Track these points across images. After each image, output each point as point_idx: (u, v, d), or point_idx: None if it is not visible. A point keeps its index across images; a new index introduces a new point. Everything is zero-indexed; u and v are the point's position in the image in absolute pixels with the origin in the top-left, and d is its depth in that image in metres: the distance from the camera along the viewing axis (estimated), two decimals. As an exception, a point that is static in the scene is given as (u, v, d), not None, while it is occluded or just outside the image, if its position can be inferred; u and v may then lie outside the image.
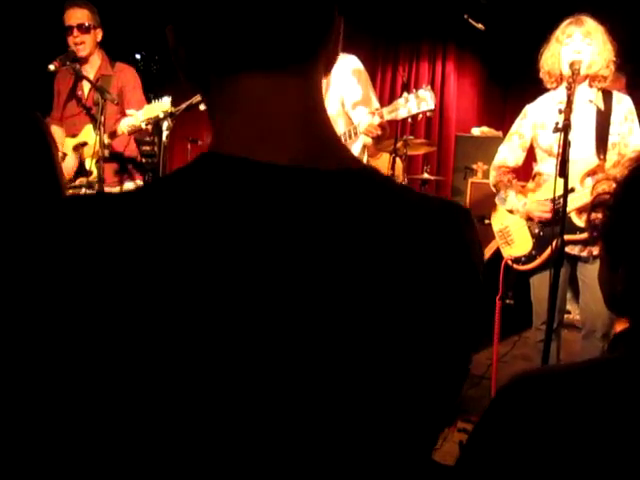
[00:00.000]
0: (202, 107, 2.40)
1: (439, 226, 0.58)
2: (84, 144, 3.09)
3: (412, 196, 0.60)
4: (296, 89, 0.56)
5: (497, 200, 2.74)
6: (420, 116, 2.39)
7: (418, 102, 2.33)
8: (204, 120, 3.58)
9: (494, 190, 2.73)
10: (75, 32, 3.05)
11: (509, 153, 2.69)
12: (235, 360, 0.50)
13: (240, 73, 0.55)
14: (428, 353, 0.56)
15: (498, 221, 2.75)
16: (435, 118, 6.65)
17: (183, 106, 2.38)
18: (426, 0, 5.79)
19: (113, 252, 0.49)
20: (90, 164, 3.03)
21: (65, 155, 3.21)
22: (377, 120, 2.38)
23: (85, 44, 3.08)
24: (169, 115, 2.43)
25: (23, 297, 0.50)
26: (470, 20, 5.77)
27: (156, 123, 2.62)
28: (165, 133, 2.47)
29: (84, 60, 3.12)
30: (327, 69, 0.62)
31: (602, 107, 2.45)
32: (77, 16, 3.06)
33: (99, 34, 3.17)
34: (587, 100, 2.47)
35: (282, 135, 0.55)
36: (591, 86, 2.47)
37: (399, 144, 4.01)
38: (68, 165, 3.13)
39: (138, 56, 6.38)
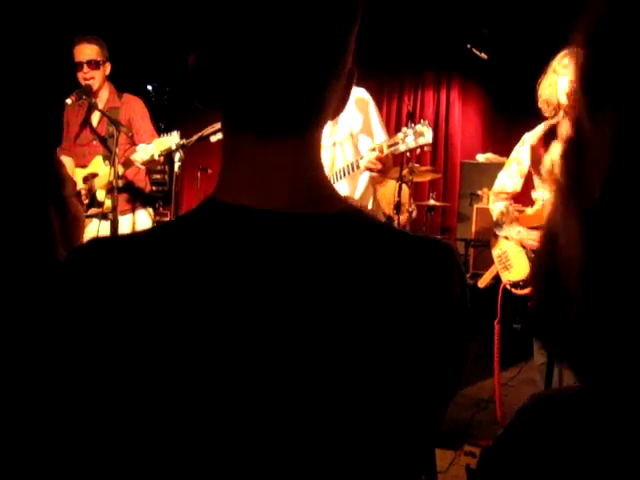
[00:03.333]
0: (213, 139, 2.48)
1: (421, 264, 0.62)
2: (94, 175, 3.13)
3: (396, 235, 0.64)
4: (292, 151, 0.61)
5: (494, 227, 2.79)
6: (418, 150, 2.47)
7: (416, 137, 2.41)
8: (214, 150, 3.64)
9: (493, 215, 2.79)
10: (85, 68, 3.10)
11: (507, 179, 2.75)
12: (233, 387, 0.54)
13: (242, 132, 0.61)
14: (412, 381, 0.59)
15: (497, 247, 2.79)
16: (440, 145, 6.73)
17: (194, 138, 2.45)
18: (429, 30, 5.90)
19: (121, 294, 0.54)
20: (101, 195, 3.07)
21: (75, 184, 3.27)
22: (375, 155, 2.47)
23: (95, 79, 3.13)
24: (181, 147, 2.50)
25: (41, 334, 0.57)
26: (473, 50, 5.87)
27: (168, 154, 2.69)
28: (177, 164, 2.53)
29: (94, 94, 3.16)
30: (333, 118, 0.66)
31: None
32: (87, 52, 3.11)
33: (108, 68, 3.22)
34: None
35: (277, 187, 0.60)
36: None
37: (405, 171, 4.06)
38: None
39: (150, 87, 6.51)
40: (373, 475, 0.59)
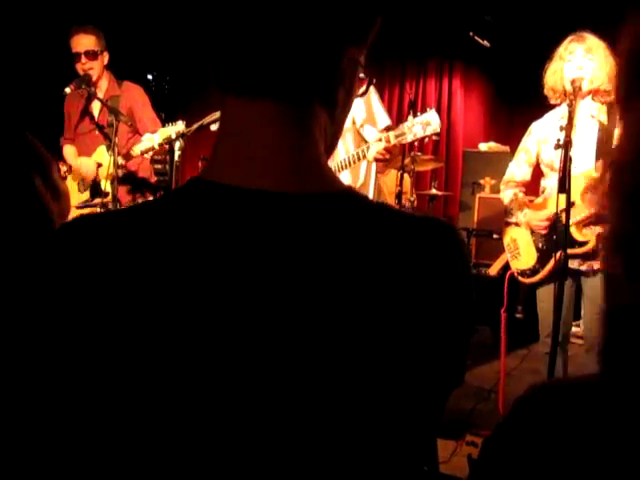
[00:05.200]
0: (213, 127, 2.46)
1: (421, 243, 0.59)
2: (99, 165, 3.13)
3: (393, 214, 0.62)
4: (284, 119, 0.58)
5: (505, 214, 2.81)
6: (426, 140, 2.45)
7: (424, 126, 2.39)
8: (213, 140, 3.62)
9: (505, 204, 2.81)
10: (83, 59, 3.09)
11: (516, 169, 2.77)
12: (225, 370, 0.53)
13: (230, 94, 0.59)
14: (412, 364, 0.57)
15: (507, 235, 2.82)
16: (443, 134, 6.69)
17: (195, 126, 2.43)
18: (432, 18, 5.85)
19: (106, 271, 0.54)
20: (105, 185, 3.08)
21: (70, 168, 3.30)
22: (382, 145, 2.46)
23: (94, 69, 3.12)
24: (181, 136, 2.49)
25: (35, 310, 0.56)
26: (476, 37, 5.83)
27: (168, 143, 2.67)
28: (177, 153, 2.52)
29: (93, 84, 3.15)
30: (343, 109, 0.64)
31: (605, 121, 2.49)
32: (84, 43, 3.09)
33: (106, 57, 3.20)
34: (589, 115, 2.51)
35: (266, 161, 0.58)
36: (594, 101, 2.52)
37: (407, 160, 4.05)
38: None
39: (150, 76, 6.47)
40: (376, 465, 0.58)
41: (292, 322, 0.54)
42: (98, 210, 3.01)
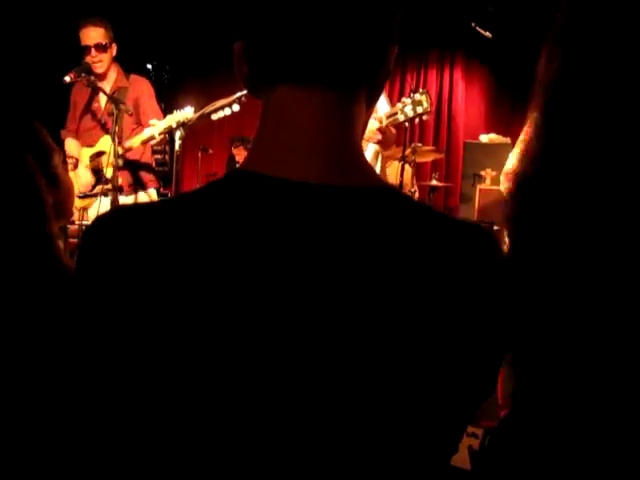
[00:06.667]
0: (214, 117, 2.44)
1: (462, 247, 0.58)
2: (101, 153, 3.15)
3: (436, 216, 0.61)
4: (329, 106, 0.58)
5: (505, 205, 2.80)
6: (417, 120, 2.46)
7: (414, 106, 2.40)
8: (215, 129, 3.63)
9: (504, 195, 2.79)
10: (93, 52, 3.13)
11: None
12: (249, 362, 0.52)
13: (280, 85, 0.58)
14: (444, 370, 0.56)
15: None
16: (443, 125, 6.67)
17: (196, 115, 2.42)
18: (433, 9, 5.82)
19: (144, 263, 0.53)
20: (108, 172, 3.09)
21: (78, 162, 3.29)
22: (376, 125, 2.48)
23: (103, 62, 3.17)
24: (182, 125, 2.47)
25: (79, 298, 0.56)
26: (478, 28, 5.79)
27: (169, 133, 2.66)
28: (178, 142, 2.50)
29: (102, 76, 3.21)
30: (377, 99, 0.64)
31: None
32: (93, 35, 3.13)
33: (114, 49, 3.24)
34: None
35: (311, 152, 0.57)
36: None
37: (408, 151, 4.03)
38: (84, 178, 3.20)
39: (149, 66, 6.45)
40: (397, 455, 0.57)
41: (333, 316, 0.53)
42: (98, 198, 3.02)
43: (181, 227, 0.54)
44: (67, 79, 2.98)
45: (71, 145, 3.37)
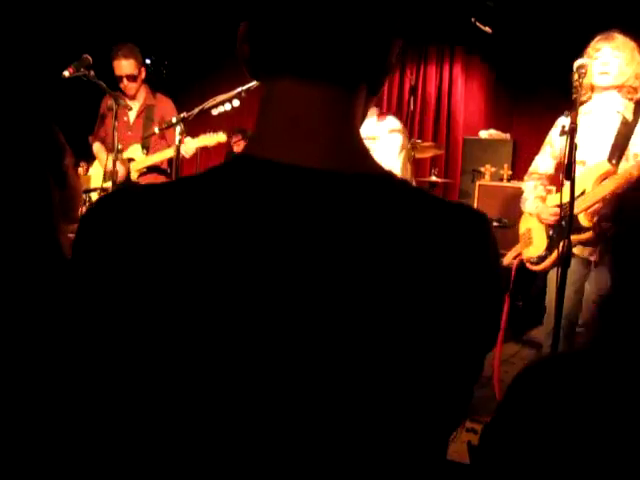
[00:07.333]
0: (214, 112, 2.45)
1: (457, 230, 0.60)
2: (131, 160, 3.46)
3: (431, 200, 0.62)
4: (334, 99, 0.60)
5: (521, 203, 2.87)
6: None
7: None
8: (213, 124, 3.65)
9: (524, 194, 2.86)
10: (125, 81, 3.47)
11: (541, 161, 2.84)
12: (245, 356, 0.52)
13: (283, 76, 0.59)
14: (439, 354, 0.57)
15: (523, 224, 2.89)
16: (443, 121, 6.67)
17: (196, 111, 2.43)
18: (433, 3, 5.81)
19: (145, 243, 0.53)
20: (134, 176, 3.52)
21: (87, 167, 3.63)
22: None
23: (134, 86, 3.51)
24: (182, 120, 2.48)
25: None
26: (477, 23, 5.78)
27: (169, 128, 2.67)
28: (178, 137, 2.52)
29: (133, 96, 3.54)
30: (375, 89, 0.65)
31: (630, 118, 2.52)
32: (125, 67, 3.43)
33: (143, 73, 3.54)
34: (614, 110, 2.55)
35: (314, 139, 0.59)
36: (622, 97, 2.53)
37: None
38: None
39: (148, 61, 6.43)
40: (391, 451, 0.58)
41: (329, 300, 0.54)
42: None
43: (179, 208, 0.55)
44: (66, 74, 3.00)
45: (98, 149, 3.65)
